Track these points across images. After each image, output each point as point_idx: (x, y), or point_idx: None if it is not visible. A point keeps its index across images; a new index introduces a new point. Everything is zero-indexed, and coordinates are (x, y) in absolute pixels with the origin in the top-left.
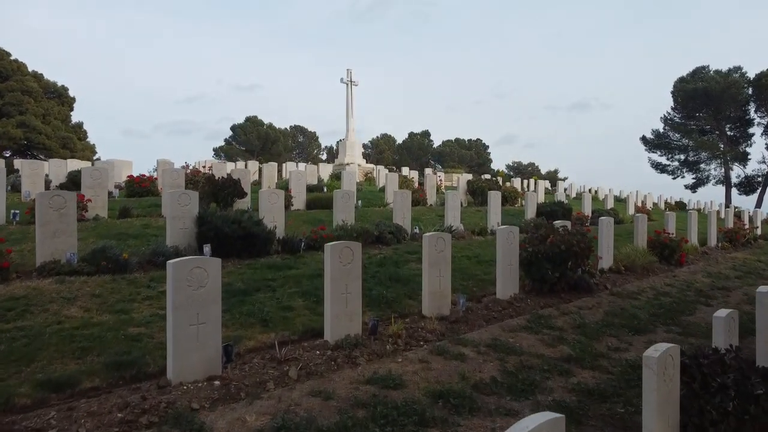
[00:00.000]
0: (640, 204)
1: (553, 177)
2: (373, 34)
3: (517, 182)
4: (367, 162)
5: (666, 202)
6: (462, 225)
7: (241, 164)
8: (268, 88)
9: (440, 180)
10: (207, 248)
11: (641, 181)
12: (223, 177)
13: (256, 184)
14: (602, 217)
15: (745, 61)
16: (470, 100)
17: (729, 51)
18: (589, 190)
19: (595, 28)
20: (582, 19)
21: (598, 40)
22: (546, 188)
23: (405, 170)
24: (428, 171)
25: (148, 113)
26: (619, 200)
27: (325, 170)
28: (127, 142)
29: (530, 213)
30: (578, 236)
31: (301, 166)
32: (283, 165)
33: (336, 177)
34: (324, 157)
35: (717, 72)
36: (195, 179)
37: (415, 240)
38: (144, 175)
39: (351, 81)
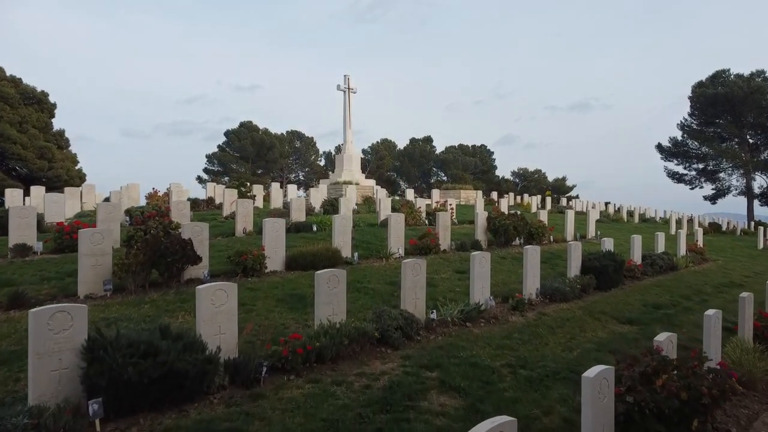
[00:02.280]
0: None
1: (560, 185)
2: (373, 35)
3: (544, 214)
4: (366, 176)
5: (699, 224)
6: (492, 298)
7: (219, 189)
8: (268, 89)
9: (452, 209)
10: (95, 406)
11: (644, 180)
12: (172, 235)
13: (231, 217)
14: (708, 312)
15: (759, 63)
16: (471, 100)
17: (733, 51)
18: (617, 209)
19: (595, 29)
20: (582, 19)
21: (599, 41)
22: (574, 209)
23: (410, 194)
24: (435, 194)
25: (148, 114)
26: (645, 220)
27: (318, 196)
28: (127, 143)
29: (574, 269)
30: (709, 379)
31: (291, 190)
32: (272, 185)
33: (331, 205)
34: (322, 162)
35: (738, 76)
36: (142, 231)
37: (431, 332)
38: (78, 222)
39: (348, 88)
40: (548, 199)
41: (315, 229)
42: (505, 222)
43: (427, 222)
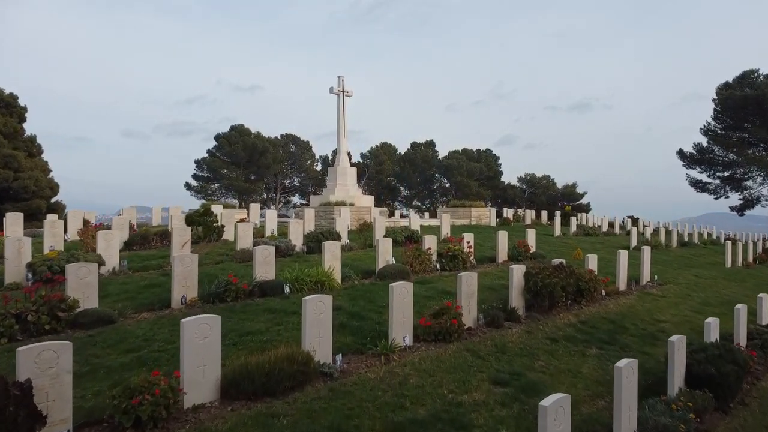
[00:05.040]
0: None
1: (570, 192)
2: (373, 36)
3: (593, 259)
4: (363, 189)
5: (753, 245)
6: None
7: (179, 219)
8: (268, 89)
9: (469, 246)
10: None
11: (645, 181)
12: None
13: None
14: None
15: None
16: (470, 100)
17: (734, 52)
18: (646, 226)
19: (595, 29)
20: (582, 20)
21: (599, 41)
22: (593, 224)
23: (415, 219)
24: (445, 219)
25: (148, 114)
26: (683, 244)
27: (298, 230)
28: (127, 143)
29: (677, 379)
30: None
31: (270, 217)
32: (251, 206)
33: (316, 241)
34: (319, 167)
35: None
36: (13, 318)
37: None
38: None
39: (343, 91)
40: (573, 219)
41: (288, 291)
42: (548, 281)
43: (438, 266)
